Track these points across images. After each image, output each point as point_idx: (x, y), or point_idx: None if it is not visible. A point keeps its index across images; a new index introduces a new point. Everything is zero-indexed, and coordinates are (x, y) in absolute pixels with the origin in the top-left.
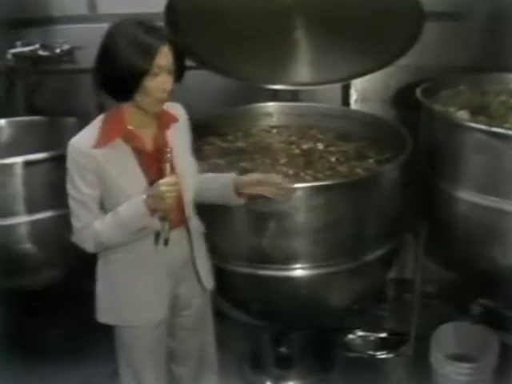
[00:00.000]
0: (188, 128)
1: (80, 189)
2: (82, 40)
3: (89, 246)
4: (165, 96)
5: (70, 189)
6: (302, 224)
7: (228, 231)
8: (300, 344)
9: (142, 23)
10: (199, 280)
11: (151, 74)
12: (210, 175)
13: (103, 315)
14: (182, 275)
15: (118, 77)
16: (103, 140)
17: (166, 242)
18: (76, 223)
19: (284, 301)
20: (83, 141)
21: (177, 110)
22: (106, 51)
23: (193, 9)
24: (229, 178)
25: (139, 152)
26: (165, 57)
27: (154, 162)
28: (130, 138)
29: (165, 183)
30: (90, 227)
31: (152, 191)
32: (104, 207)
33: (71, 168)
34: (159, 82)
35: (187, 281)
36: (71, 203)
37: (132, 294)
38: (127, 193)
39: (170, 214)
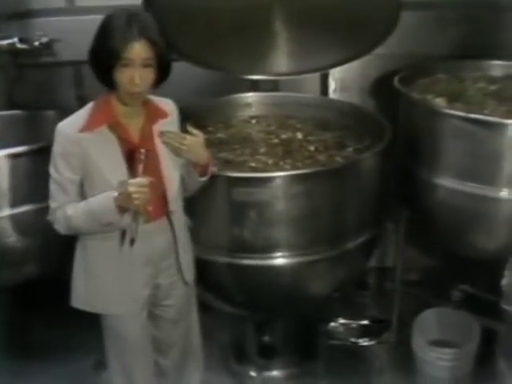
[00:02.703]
0: (178, 124)
1: (61, 171)
2: (61, 33)
3: (60, 227)
4: (137, 90)
5: (51, 170)
6: (283, 213)
7: (209, 221)
8: (283, 333)
9: (132, 14)
10: (180, 272)
11: (120, 65)
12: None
13: (76, 301)
14: (163, 265)
15: (95, 62)
16: (90, 125)
17: (132, 242)
18: (52, 203)
19: (266, 290)
20: (70, 125)
21: (167, 105)
22: (94, 37)
23: (171, 1)
24: None
25: (124, 141)
26: (137, 51)
27: (137, 151)
28: (115, 127)
29: (134, 184)
30: (64, 209)
31: (121, 190)
32: (84, 191)
33: (56, 150)
34: (128, 74)
35: (168, 271)
36: (51, 184)
37: (104, 283)
38: (106, 178)
39: (139, 215)
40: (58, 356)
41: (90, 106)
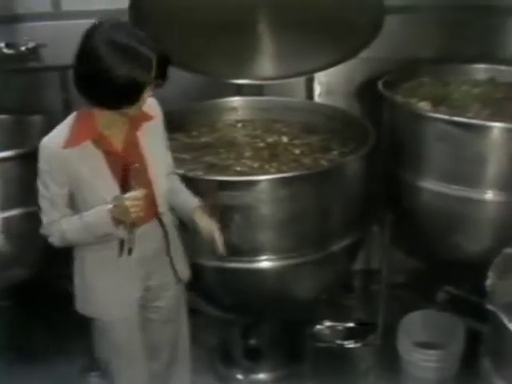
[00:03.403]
0: (163, 124)
1: (49, 187)
2: (47, 37)
3: (55, 241)
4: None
5: (39, 186)
6: (268, 216)
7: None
8: (269, 336)
9: (131, 32)
10: (175, 271)
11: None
12: (178, 187)
13: (79, 307)
14: (154, 267)
15: (115, 90)
16: (73, 141)
17: (130, 251)
18: (44, 218)
19: (252, 293)
20: (54, 140)
21: (151, 106)
22: (97, 61)
23: (157, 5)
24: (192, 204)
25: (109, 154)
26: (156, 67)
27: (123, 163)
28: (99, 141)
29: (130, 198)
30: (57, 224)
31: (117, 203)
32: (76, 205)
33: (42, 167)
34: (147, 95)
35: (159, 273)
36: (40, 199)
37: (102, 291)
38: (99, 194)
39: (135, 226)
40: (45, 360)
41: (72, 118)
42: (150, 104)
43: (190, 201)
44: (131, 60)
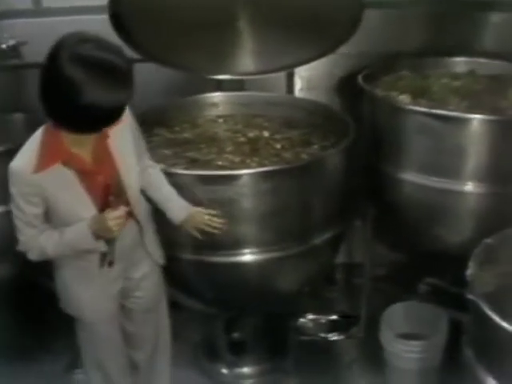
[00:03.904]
0: (133, 124)
1: (23, 210)
2: (28, 35)
3: (34, 256)
4: None
5: (13, 208)
6: (250, 210)
7: None
8: (253, 329)
9: (102, 45)
10: (150, 257)
11: None
12: (168, 192)
13: (63, 305)
14: (132, 259)
15: (91, 114)
16: (41, 165)
17: (111, 263)
18: (21, 237)
19: (234, 287)
20: (23, 165)
21: None
22: (66, 83)
23: (136, 1)
24: (183, 209)
25: (81, 172)
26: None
27: (96, 178)
28: (69, 161)
29: (111, 217)
30: (35, 241)
31: (98, 223)
32: (52, 222)
33: (13, 191)
34: None
35: (137, 263)
36: (15, 220)
37: (83, 293)
38: (77, 214)
39: (115, 239)
40: (30, 357)
41: (38, 137)
42: None
43: (176, 209)
44: (107, 78)
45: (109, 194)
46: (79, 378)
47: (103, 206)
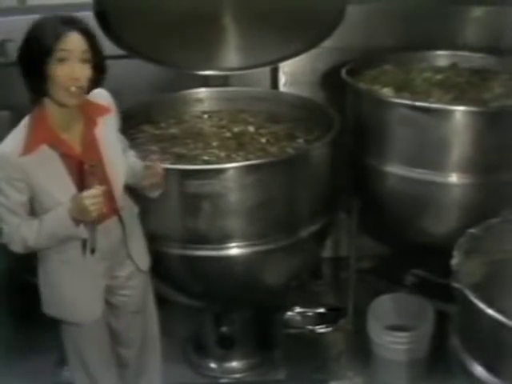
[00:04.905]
0: (117, 115)
1: (8, 196)
2: (13, 32)
3: (17, 248)
4: (78, 84)
5: None
6: (236, 203)
7: (162, 213)
8: (241, 323)
9: (62, 16)
10: (132, 261)
11: (56, 59)
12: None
13: (46, 308)
14: (118, 258)
15: (26, 63)
16: (28, 147)
17: (93, 250)
18: (4, 226)
19: (221, 280)
20: (9, 149)
21: (102, 98)
22: (23, 40)
23: None
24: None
25: (66, 157)
26: (72, 42)
27: (82, 164)
28: (55, 144)
29: (88, 196)
30: (18, 231)
31: (75, 204)
32: (34, 211)
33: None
34: (67, 69)
35: (123, 262)
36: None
37: (67, 291)
38: (57, 200)
39: (96, 224)
40: (18, 354)
41: (25, 124)
42: (99, 95)
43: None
44: (39, 33)
45: (87, 175)
46: (68, 374)
47: (83, 190)
